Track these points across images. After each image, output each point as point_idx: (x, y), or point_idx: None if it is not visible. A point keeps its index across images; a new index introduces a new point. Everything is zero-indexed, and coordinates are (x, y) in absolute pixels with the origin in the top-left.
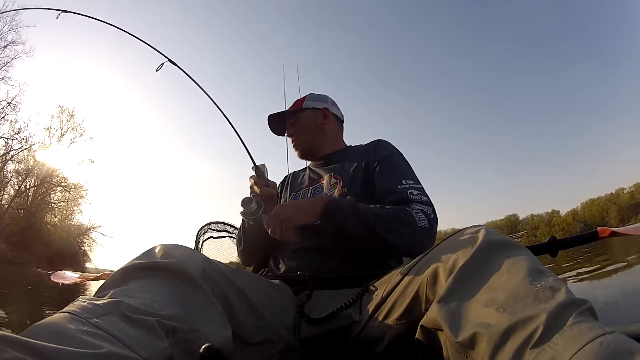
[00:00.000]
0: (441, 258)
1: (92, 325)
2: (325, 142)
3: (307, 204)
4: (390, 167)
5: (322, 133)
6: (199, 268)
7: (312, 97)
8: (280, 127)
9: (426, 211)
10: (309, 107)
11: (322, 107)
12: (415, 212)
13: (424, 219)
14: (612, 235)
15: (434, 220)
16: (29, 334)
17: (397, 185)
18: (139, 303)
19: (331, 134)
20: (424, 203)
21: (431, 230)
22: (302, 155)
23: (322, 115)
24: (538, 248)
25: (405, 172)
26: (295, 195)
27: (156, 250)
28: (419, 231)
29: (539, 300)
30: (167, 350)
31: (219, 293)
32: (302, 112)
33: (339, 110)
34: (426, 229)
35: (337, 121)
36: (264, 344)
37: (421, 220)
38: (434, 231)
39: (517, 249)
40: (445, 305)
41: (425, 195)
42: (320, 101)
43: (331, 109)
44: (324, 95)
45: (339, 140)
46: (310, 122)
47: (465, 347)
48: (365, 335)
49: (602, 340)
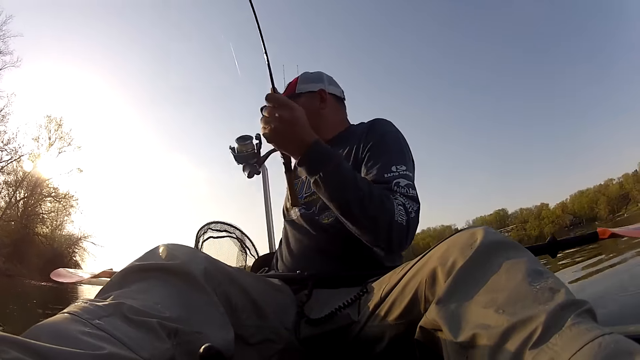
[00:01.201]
0: (440, 258)
1: (93, 326)
2: (325, 128)
3: (297, 138)
4: (379, 151)
5: (320, 119)
6: (201, 268)
7: (305, 78)
8: None
9: (407, 207)
10: (302, 91)
11: (317, 89)
12: (396, 203)
13: (403, 215)
14: (613, 237)
15: (412, 221)
16: (30, 334)
17: (383, 174)
18: (141, 304)
19: (330, 117)
20: (410, 198)
21: (406, 230)
22: None
23: (319, 98)
24: (538, 248)
25: (396, 157)
26: (296, 182)
27: (158, 250)
28: (393, 225)
29: (538, 301)
30: (168, 352)
31: (221, 293)
32: (296, 98)
33: (337, 87)
34: (401, 227)
35: (336, 101)
36: (264, 343)
37: (399, 214)
38: (409, 232)
39: (517, 249)
40: (444, 306)
41: (414, 188)
42: (314, 82)
43: (328, 89)
44: (318, 73)
45: (340, 121)
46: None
47: (465, 347)
48: (364, 335)
49: (600, 341)
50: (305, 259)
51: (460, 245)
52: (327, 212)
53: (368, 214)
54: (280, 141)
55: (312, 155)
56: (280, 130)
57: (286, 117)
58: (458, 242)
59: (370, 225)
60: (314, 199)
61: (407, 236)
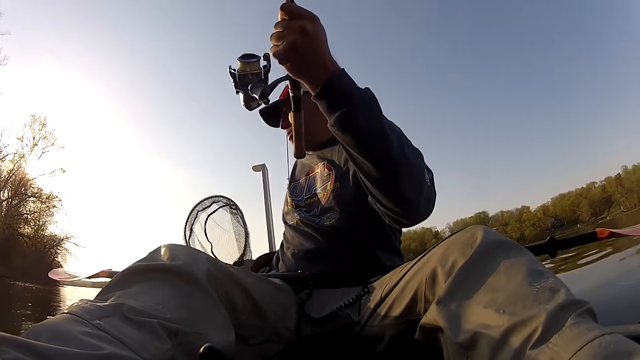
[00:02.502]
0: (440, 258)
1: (93, 326)
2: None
3: (320, 57)
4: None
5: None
6: (204, 269)
7: None
8: (275, 119)
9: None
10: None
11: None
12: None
13: (428, 178)
14: (611, 237)
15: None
16: (30, 335)
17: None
18: (141, 305)
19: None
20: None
21: (434, 195)
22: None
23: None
24: (537, 248)
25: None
26: (294, 185)
27: (160, 251)
28: (424, 185)
29: (539, 301)
30: (169, 353)
31: (223, 293)
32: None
33: None
34: (430, 190)
35: None
36: (264, 344)
37: (428, 175)
38: (433, 198)
39: (517, 249)
40: (444, 306)
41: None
42: None
43: None
44: None
45: None
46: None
47: (465, 348)
48: (364, 335)
49: (601, 341)
50: (307, 262)
51: (461, 245)
52: (328, 214)
53: (407, 159)
54: (299, 60)
55: (341, 79)
56: (300, 46)
57: (308, 29)
58: (458, 242)
59: (407, 175)
60: (315, 201)
61: (433, 202)
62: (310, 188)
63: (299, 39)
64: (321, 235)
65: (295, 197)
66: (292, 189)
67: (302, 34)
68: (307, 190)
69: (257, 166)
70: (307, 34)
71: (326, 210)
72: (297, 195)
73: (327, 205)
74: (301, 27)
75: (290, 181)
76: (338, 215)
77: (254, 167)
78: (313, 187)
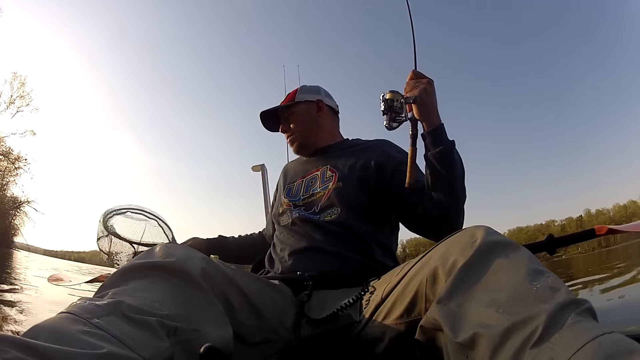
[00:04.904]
0: (441, 258)
1: (92, 325)
2: (321, 135)
3: (436, 105)
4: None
5: (317, 126)
6: (199, 267)
7: (305, 89)
8: (274, 123)
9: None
10: (301, 100)
11: (315, 99)
12: None
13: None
14: (609, 233)
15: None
16: (29, 334)
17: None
18: (139, 303)
19: (326, 126)
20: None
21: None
22: (299, 150)
23: (316, 107)
24: (536, 246)
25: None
26: (290, 187)
27: (156, 250)
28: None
29: (539, 301)
30: (167, 351)
31: (219, 293)
32: (295, 106)
33: (333, 101)
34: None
35: (331, 113)
36: (264, 343)
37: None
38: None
39: (517, 249)
40: (445, 306)
41: None
42: (313, 93)
43: (325, 101)
44: (316, 86)
45: (335, 132)
46: (304, 115)
47: (465, 347)
48: (365, 335)
49: (601, 341)
50: (306, 260)
51: (461, 245)
52: (329, 210)
53: (464, 190)
54: (429, 101)
55: (444, 127)
56: (430, 93)
57: (432, 85)
58: (458, 241)
59: (460, 201)
60: (314, 199)
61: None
62: (308, 188)
63: (428, 88)
64: (319, 230)
65: (292, 198)
66: (288, 190)
67: (428, 85)
68: (304, 190)
69: (257, 166)
70: (431, 87)
71: (326, 207)
72: (293, 195)
73: (328, 202)
74: (427, 82)
75: (284, 185)
76: (339, 211)
77: (254, 167)
78: (311, 187)
